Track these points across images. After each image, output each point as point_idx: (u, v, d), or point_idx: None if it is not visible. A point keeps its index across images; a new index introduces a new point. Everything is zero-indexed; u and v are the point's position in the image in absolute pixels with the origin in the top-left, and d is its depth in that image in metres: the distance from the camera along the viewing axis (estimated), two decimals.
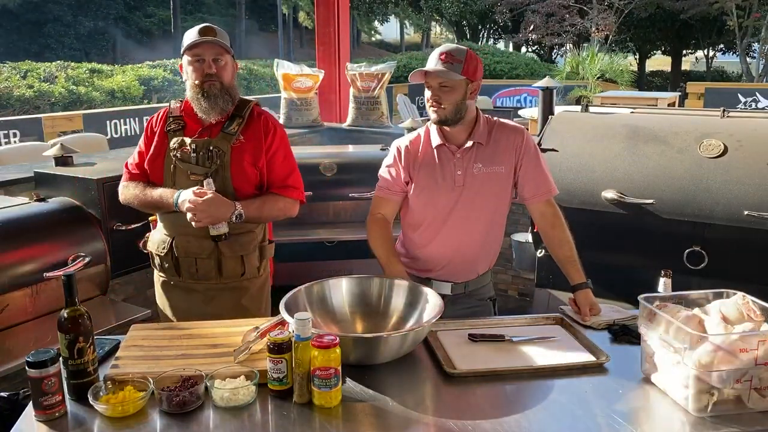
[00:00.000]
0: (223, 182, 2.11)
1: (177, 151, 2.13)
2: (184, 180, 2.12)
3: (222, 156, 2.12)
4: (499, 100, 14.00)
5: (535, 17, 18.37)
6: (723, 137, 2.73)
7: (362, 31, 32.34)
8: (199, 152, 2.12)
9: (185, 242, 2.17)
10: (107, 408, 1.41)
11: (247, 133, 2.17)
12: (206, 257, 2.16)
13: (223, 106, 2.12)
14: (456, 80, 2.01)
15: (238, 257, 2.19)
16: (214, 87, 2.09)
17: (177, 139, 2.14)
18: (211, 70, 2.08)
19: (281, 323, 1.71)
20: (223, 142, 2.13)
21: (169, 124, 2.18)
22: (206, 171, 2.10)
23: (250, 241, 2.22)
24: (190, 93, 2.13)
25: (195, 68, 2.09)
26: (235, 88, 2.18)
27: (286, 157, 2.24)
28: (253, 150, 2.15)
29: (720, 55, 25.81)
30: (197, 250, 2.16)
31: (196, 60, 2.09)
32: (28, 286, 2.47)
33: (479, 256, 2.21)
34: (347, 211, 3.52)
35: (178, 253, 2.18)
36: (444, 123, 2.09)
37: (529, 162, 2.15)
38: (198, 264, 2.17)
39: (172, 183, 2.13)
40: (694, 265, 2.67)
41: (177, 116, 2.19)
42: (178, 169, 2.13)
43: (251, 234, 2.23)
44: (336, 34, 5.77)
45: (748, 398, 1.45)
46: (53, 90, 11.86)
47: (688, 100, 11.42)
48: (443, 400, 1.57)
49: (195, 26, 2.14)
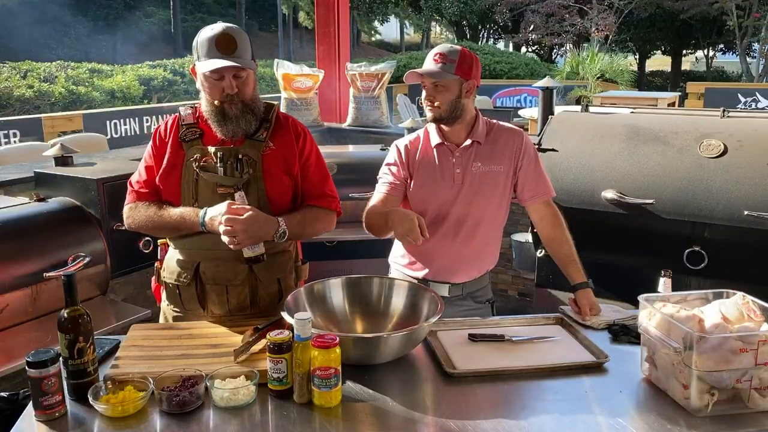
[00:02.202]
0: (257, 195, 1.89)
1: (199, 161, 1.89)
2: (209, 194, 1.88)
3: (253, 165, 1.89)
4: (499, 100, 13.99)
5: (535, 17, 18.38)
6: (723, 137, 2.72)
7: (362, 31, 32.35)
8: (226, 161, 1.88)
9: (213, 267, 1.91)
10: (107, 408, 1.41)
11: (275, 139, 1.95)
12: (240, 284, 1.91)
13: (246, 128, 1.88)
14: (449, 80, 2.03)
15: (275, 281, 1.97)
16: (234, 108, 1.85)
17: (196, 149, 1.90)
18: (233, 91, 1.83)
19: (281, 323, 1.71)
20: (253, 150, 1.90)
21: (183, 132, 1.93)
22: (236, 182, 1.87)
23: (287, 262, 2.01)
24: (206, 108, 1.89)
25: (212, 85, 1.84)
26: (258, 98, 1.93)
27: (318, 163, 2.03)
28: (286, 157, 1.94)
29: (720, 55, 25.83)
30: (230, 275, 1.90)
31: (215, 78, 1.82)
32: (28, 286, 2.46)
33: (477, 257, 2.21)
34: (347, 211, 3.49)
35: (206, 281, 1.92)
36: (439, 121, 2.11)
37: (529, 164, 2.16)
38: (230, 293, 1.92)
39: (194, 199, 1.88)
40: (694, 265, 2.67)
41: (191, 123, 1.94)
42: (201, 181, 1.88)
43: (287, 254, 2.01)
44: (336, 34, 5.77)
45: (748, 398, 1.45)
46: (53, 90, 11.86)
47: (688, 100, 11.42)
48: (443, 400, 1.56)
49: (211, 27, 1.86)
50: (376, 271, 2.11)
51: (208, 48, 1.82)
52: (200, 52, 1.84)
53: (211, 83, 1.83)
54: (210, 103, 1.87)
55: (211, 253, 1.89)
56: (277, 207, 1.92)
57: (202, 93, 1.90)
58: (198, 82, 1.89)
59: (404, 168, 2.17)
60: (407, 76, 2.08)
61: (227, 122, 1.85)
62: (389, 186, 2.17)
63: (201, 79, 1.86)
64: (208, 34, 1.84)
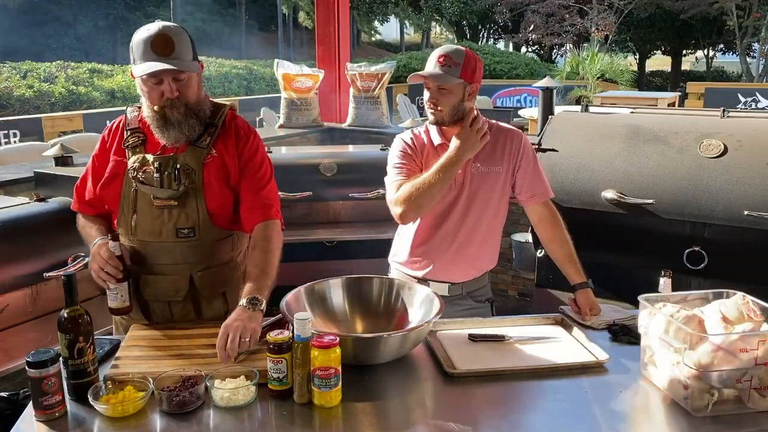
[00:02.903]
0: (195, 207, 1.82)
1: (138, 171, 1.80)
2: (146, 207, 1.81)
3: (192, 175, 1.80)
4: (499, 100, 14.00)
5: (535, 17, 18.37)
6: (723, 137, 2.72)
7: (362, 31, 32.34)
8: (164, 172, 1.79)
9: (153, 283, 1.86)
10: (107, 408, 1.41)
11: (218, 145, 1.85)
12: (182, 300, 1.87)
13: (189, 133, 1.79)
14: (453, 83, 2.01)
15: (220, 295, 1.91)
16: (177, 112, 1.75)
17: (137, 157, 1.81)
18: (173, 95, 1.74)
19: (281, 323, 1.71)
20: (193, 159, 1.81)
21: (126, 138, 1.84)
22: (172, 195, 1.79)
23: (233, 273, 1.93)
24: (147, 113, 1.80)
25: (151, 89, 1.74)
26: (203, 100, 1.83)
27: (260, 168, 1.90)
28: (227, 165, 1.85)
29: (720, 55, 25.83)
30: (170, 292, 1.86)
31: (153, 81, 1.72)
32: (28, 286, 2.46)
33: (477, 256, 2.21)
34: (347, 211, 3.52)
35: (147, 296, 1.87)
36: (441, 124, 2.11)
37: (528, 164, 2.17)
38: (173, 308, 1.88)
39: (133, 211, 1.81)
40: (694, 265, 2.67)
41: (135, 128, 1.85)
42: (140, 193, 1.80)
43: (231, 264, 1.93)
44: (336, 34, 5.77)
45: (748, 398, 1.45)
46: (53, 90, 11.87)
47: (688, 100, 11.43)
48: (443, 400, 1.56)
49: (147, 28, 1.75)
50: (376, 271, 2.11)
51: (143, 50, 1.71)
52: (135, 54, 1.73)
53: (150, 87, 1.74)
54: (150, 109, 1.78)
55: (152, 268, 1.85)
56: (218, 220, 1.85)
57: (142, 99, 1.81)
58: (138, 87, 1.79)
59: (417, 157, 2.13)
60: (411, 77, 2.07)
61: (169, 128, 1.76)
62: (408, 171, 2.08)
63: (139, 83, 1.76)
64: (143, 35, 1.73)
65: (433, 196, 1.99)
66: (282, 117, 5.19)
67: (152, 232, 1.83)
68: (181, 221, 1.82)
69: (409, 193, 1.99)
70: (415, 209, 2.01)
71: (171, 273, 1.85)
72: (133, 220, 1.83)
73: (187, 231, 1.83)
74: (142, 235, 1.84)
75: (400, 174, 2.09)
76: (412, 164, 2.11)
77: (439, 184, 1.97)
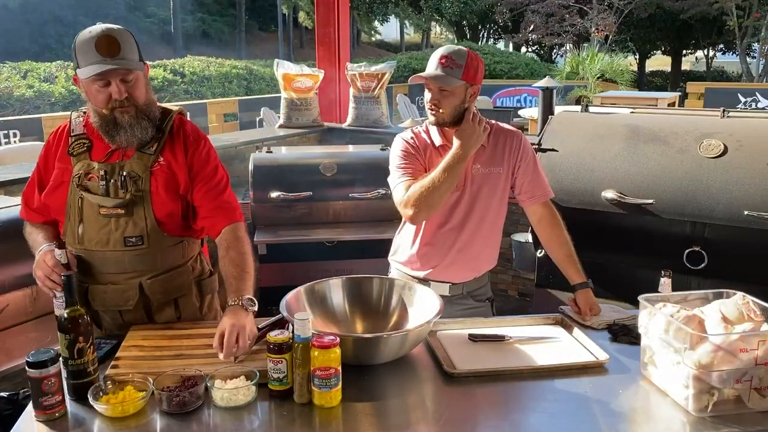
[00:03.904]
0: (143, 215, 1.77)
1: (83, 179, 1.75)
2: (93, 216, 1.76)
3: (138, 182, 1.75)
4: (499, 100, 14.00)
5: (535, 17, 18.37)
6: (723, 137, 2.72)
7: (362, 31, 32.34)
8: (109, 179, 1.75)
9: (102, 293, 1.81)
10: (107, 408, 1.41)
11: (167, 153, 1.80)
12: (133, 309, 1.82)
13: (142, 135, 1.74)
14: (455, 85, 2.00)
15: (171, 302, 1.87)
16: (127, 114, 1.70)
17: (83, 164, 1.76)
18: (121, 96, 1.68)
19: (281, 323, 1.71)
20: (140, 165, 1.76)
21: (71, 145, 1.79)
22: (120, 202, 1.74)
23: (184, 279, 1.88)
24: (94, 119, 1.74)
25: (98, 92, 1.68)
26: (152, 102, 1.79)
27: (214, 174, 1.85)
28: (175, 173, 1.80)
29: (720, 55, 25.82)
30: (120, 301, 1.81)
31: (100, 83, 1.67)
32: (28, 286, 2.46)
33: (478, 257, 2.21)
34: (347, 211, 3.52)
35: (96, 306, 1.83)
36: (442, 125, 2.10)
37: (527, 165, 2.16)
38: (124, 316, 1.84)
39: (79, 219, 1.76)
40: (694, 265, 2.67)
41: (80, 134, 1.80)
42: (86, 202, 1.75)
43: (183, 269, 1.88)
44: (336, 34, 5.76)
45: (748, 398, 1.45)
46: (53, 90, 11.87)
47: (688, 100, 11.43)
48: (443, 400, 1.56)
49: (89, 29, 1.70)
50: (376, 271, 2.11)
51: (87, 52, 1.66)
52: (79, 57, 1.68)
53: (97, 90, 1.68)
54: (98, 113, 1.72)
55: (99, 277, 1.81)
56: (167, 228, 1.82)
57: (89, 104, 1.76)
58: (82, 91, 1.75)
59: (420, 156, 2.12)
60: (413, 78, 2.06)
61: (120, 131, 1.71)
62: (412, 173, 2.06)
63: (84, 87, 1.72)
64: (86, 36, 1.68)
65: (443, 195, 1.99)
66: (282, 117, 5.19)
67: (99, 241, 1.78)
68: (128, 230, 1.78)
69: (419, 194, 1.97)
70: (426, 209, 2.00)
71: (120, 282, 1.81)
72: (79, 229, 1.78)
73: (135, 239, 1.78)
74: (89, 244, 1.78)
75: (405, 174, 2.07)
76: (416, 163, 2.09)
77: (448, 182, 1.97)
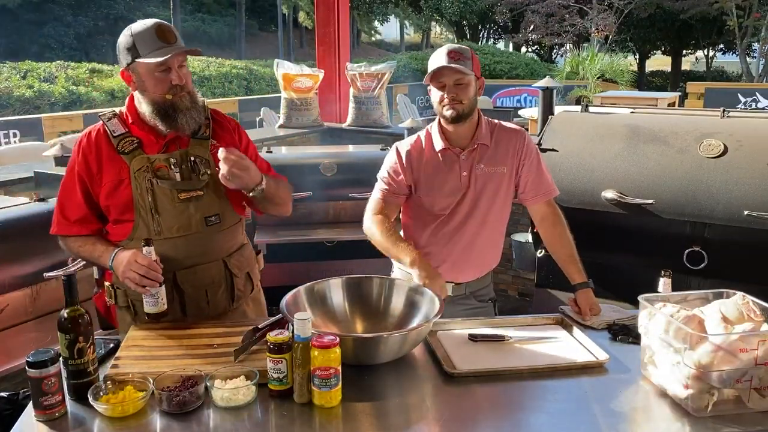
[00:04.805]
0: (217, 196, 1.87)
1: (150, 171, 1.80)
2: (168, 203, 1.81)
3: (208, 165, 1.85)
4: (499, 100, 13.98)
5: (535, 17, 18.36)
6: (723, 137, 2.73)
7: (362, 31, 32.35)
8: (181, 166, 1.83)
9: (191, 275, 1.88)
10: (107, 408, 1.41)
11: (216, 135, 1.92)
12: (218, 285, 1.92)
13: (198, 119, 1.83)
14: (470, 76, 2.02)
15: (246, 275, 2.00)
16: (185, 99, 1.79)
17: (140, 159, 1.81)
18: (181, 81, 1.77)
19: (281, 323, 1.71)
20: (201, 149, 1.86)
21: (118, 144, 1.82)
22: (198, 185, 1.84)
23: (251, 253, 2.04)
24: (148, 108, 1.80)
25: (159, 80, 1.76)
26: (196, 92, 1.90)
27: (256, 152, 2.04)
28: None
29: (720, 55, 25.81)
30: (207, 280, 1.90)
31: (161, 70, 1.75)
32: (28, 286, 2.47)
33: (481, 256, 2.22)
34: (347, 211, 3.52)
35: (187, 289, 1.87)
36: (461, 119, 2.05)
37: (531, 163, 2.16)
38: (209, 296, 1.91)
39: (154, 212, 1.81)
40: (694, 265, 2.67)
41: (123, 133, 1.84)
42: (158, 191, 1.81)
43: (248, 246, 2.04)
44: (336, 34, 5.77)
45: (748, 398, 1.45)
46: (53, 90, 11.86)
47: (688, 100, 11.42)
48: (443, 400, 1.56)
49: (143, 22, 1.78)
50: (376, 271, 2.11)
51: (149, 40, 1.74)
52: (140, 48, 1.75)
53: (158, 78, 1.76)
54: (155, 102, 1.78)
55: (185, 261, 1.86)
56: (236, 203, 1.94)
57: (142, 95, 1.81)
58: (134, 84, 1.81)
59: (407, 174, 2.14)
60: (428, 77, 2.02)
61: (179, 115, 1.78)
62: (389, 191, 2.16)
63: (143, 77, 1.78)
64: (142, 28, 1.76)
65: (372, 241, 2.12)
66: (282, 117, 5.19)
67: (181, 226, 1.85)
68: (207, 210, 1.87)
69: (371, 234, 2.11)
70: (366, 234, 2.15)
71: (206, 261, 1.89)
72: (155, 221, 1.82)
73: (214, 218, 1.88)
74: (169, 232, 1.84)
75: (381, 192, 2.16)
76: (398, 181, 2.14)
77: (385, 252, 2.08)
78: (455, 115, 2.04)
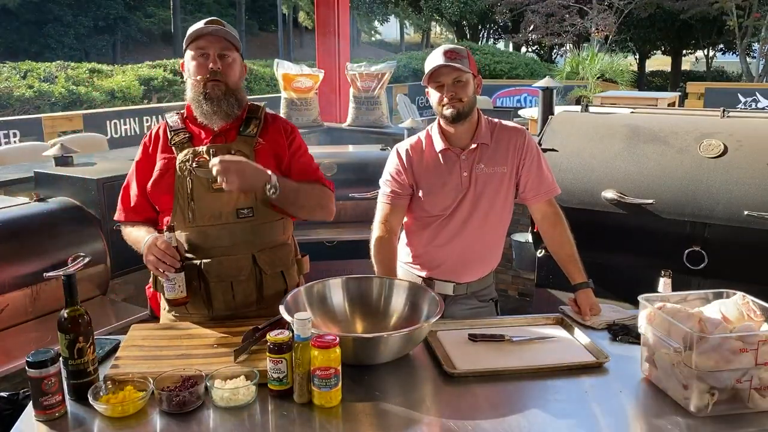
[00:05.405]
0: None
1: (192, 161, 1.87)
2: (203, 192, 1.87)
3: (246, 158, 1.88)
4: (499, 100, 13.98)
5: (535, 17, 18.36)
6: (723, 137, 2.73)
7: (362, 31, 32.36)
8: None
9: (217, 264, 1.89)
10: (107, 408, 1.41)
11: (265, 135, 1.97)
12: (245, 279, 1.91)
13: (228, 110, 1.89)
14: (469, 75, 2.03)
15: (279, 274, 1.97)
16: (217, 88, 1.86)
17: (187, 152, 1.89)
18: (217, 66, 1.85)
19: (281, 323, 1.71)
20: (245, 146, 1.91)
21: (171, 137, 1.93)
22: None
23: (288, 254, 2.02)
24: (190, 93, 1.91)
25: (198, 64, 1.87)
26: (243, 91, 1.96)
27: (308, 156, 2.07)
28: (276, 152, 1.97)
29: (720, 55, 25.80)
30: (233, 271, 1.90)
31: (200, 54, 1.87)
32: (28, 286, 2.47)
33: (482, 257, 2.22)
34: (347, 211, 3.52)
35: (211, 279, 1.89)
36: (461, 118, 2.06)
37: (531, 162, 2.16)
38: (235, 289, 1.91)
39: (190, 199, 1.87)
40: (694, 265, 2.67)
41: (179, 128, 1.95)
42: (196, 181, 1.87)
43: (287, 246, 2.03)
44: (336, 34, 5.77)
45: (748, 398, 1.45)
46: (53, 90, 11.85)
47: (688, 100, 11.41)
48: (443, 400, 1.56)
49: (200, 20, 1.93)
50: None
51: (195, 28, 1.88)
52: (187, 37, 1.89)
53: (197, 62, 1.87)
54: (194, 84, 1.88)
55: (213, 251, 1.89)
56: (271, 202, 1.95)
57: (188, 82, 1.91)
58: (186, 73, 1.92)
59: (408, 175, 2.15)
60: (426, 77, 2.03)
61: (208, 101, 1.86)
62: (394, 196, 2.16)
63: (188, 62, 1.91)
64: (197, 24, 1.91)
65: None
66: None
67: (212, 215, 1.88)
68: (240, 202, 1.89)
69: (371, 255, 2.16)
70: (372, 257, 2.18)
71: (233, 253, 1.90)
72: (190, 208, 1.88)
73: (246, 211, 1.90)
74: (201, 220, 1.88)
75: (386, 197, 2.17)
76: (401, 181, 2.15)
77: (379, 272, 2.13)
78: (455, 114, 2.04)
